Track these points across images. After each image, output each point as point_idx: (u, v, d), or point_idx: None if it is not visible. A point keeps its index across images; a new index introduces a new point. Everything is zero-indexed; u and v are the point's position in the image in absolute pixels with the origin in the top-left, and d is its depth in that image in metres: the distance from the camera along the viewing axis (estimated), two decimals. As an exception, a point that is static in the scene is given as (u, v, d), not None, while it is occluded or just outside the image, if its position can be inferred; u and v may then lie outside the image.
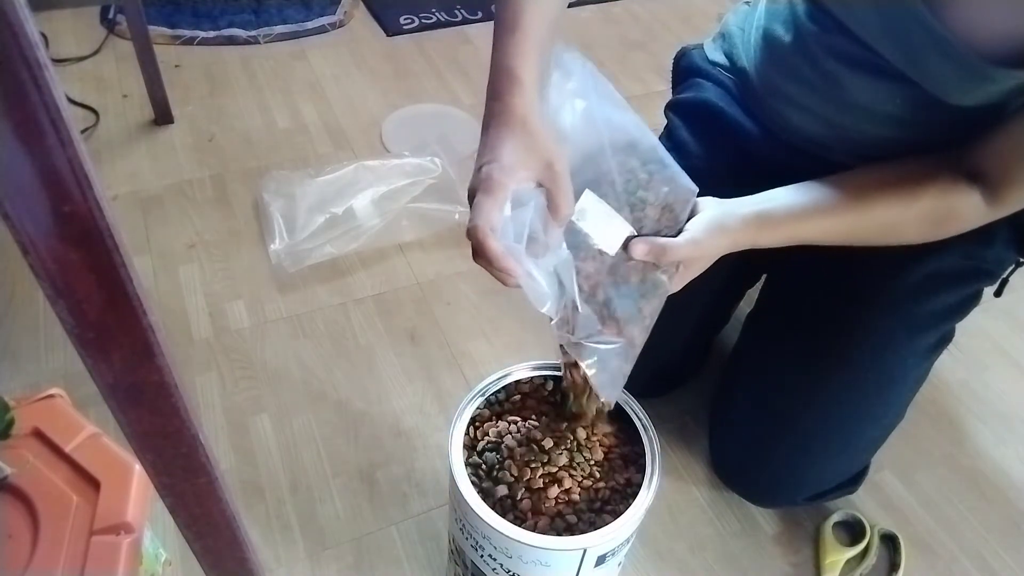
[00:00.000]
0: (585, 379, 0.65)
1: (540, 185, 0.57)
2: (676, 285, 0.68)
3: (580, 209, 0.62)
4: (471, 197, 0.55)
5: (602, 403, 0.66)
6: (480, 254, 0.54)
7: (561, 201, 0.58)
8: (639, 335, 0.65)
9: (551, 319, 0.60)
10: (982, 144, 0.71)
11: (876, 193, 0.73)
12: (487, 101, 0.59)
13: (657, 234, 0.66)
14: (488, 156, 0.56)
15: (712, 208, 0.70)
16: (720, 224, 0.69)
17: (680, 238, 0.66)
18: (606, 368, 0.63)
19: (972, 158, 0.71)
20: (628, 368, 0.65)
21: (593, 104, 0.62)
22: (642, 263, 0.65)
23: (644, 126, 0.65)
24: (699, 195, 0.70)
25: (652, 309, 0.66)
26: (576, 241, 0.62)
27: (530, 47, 0.61)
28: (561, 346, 0.64)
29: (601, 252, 0.63)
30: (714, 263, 0.72)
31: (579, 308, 0.61)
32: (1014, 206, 0.72)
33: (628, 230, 0.64)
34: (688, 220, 0.68)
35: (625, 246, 0.64)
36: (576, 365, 0.64)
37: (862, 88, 0.75)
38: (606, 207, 0.64)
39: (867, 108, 0.76)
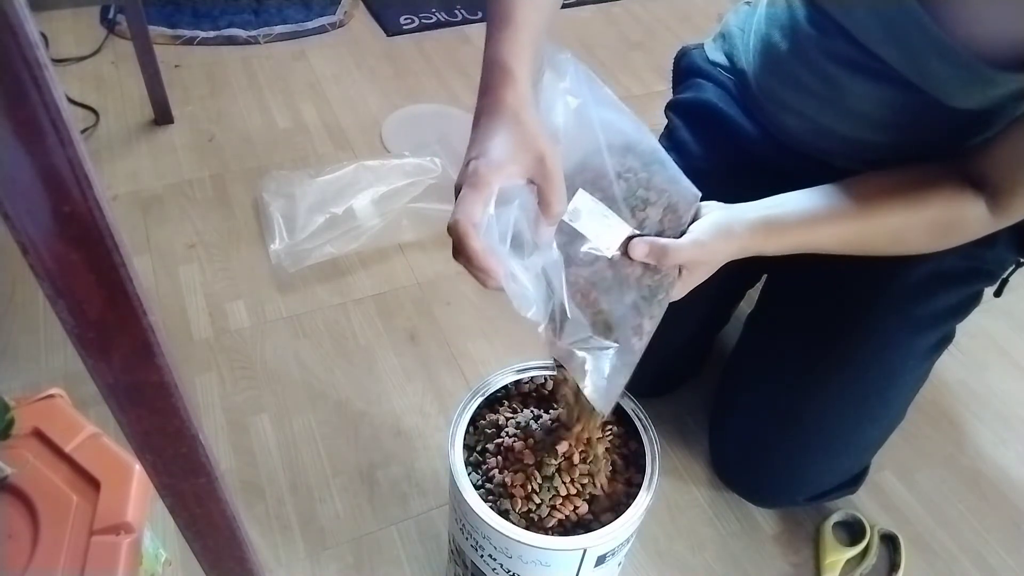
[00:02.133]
0: (576, 392, 0.62)
1: (531, 182, 0.54)
2: (678, 292, 0.66)
3: (573, 209, 0.59)
4: (457, 192, 0.53)
5: (596, 414, 0.63)
6: (460, 251, 0.51)
7: (553, 197, 0.55)
8: (637, 341, 0.61)
9: (538, 325, 0.56)
10: (984, 152, 0.70)
11: (885, 199, 0.71)
12: (479, 96, 0.58)
13: (659, 235, 0.63)
14: (476, 150, 0.54)
15: (717, 212, 0.68)
16: (727, 228, 0.67)
17: (683, 239, 0.64)
18: (598, 373, 0.59)
19: (975, 165, 0.71)
20: (625, 375, 0.61)
21: (588, 103, 0.59)
22: (641, 267, 0.62)
23: (643, 127, 0.63)
24: (701, 199, 0.69)
25: (652, 315, 0.62)
26: (569, 243, 0.59)
27: (523, 41, 0.59)
28: (554, 358, 0.61)
29: (597, 254, 0.60)
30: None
31: (568, 312, 0.57)
32: (1016, 215, 0.71)
33: (627, 230, 0.61)
34: (692, 223, 0.66)
35: (624, 248, 0.61)
36: (565, 379, 0.62)
37: (862, 93, 0.74)
38: (602, 207, 0.60)
39: (866, 114, 0.76)
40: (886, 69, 0.70)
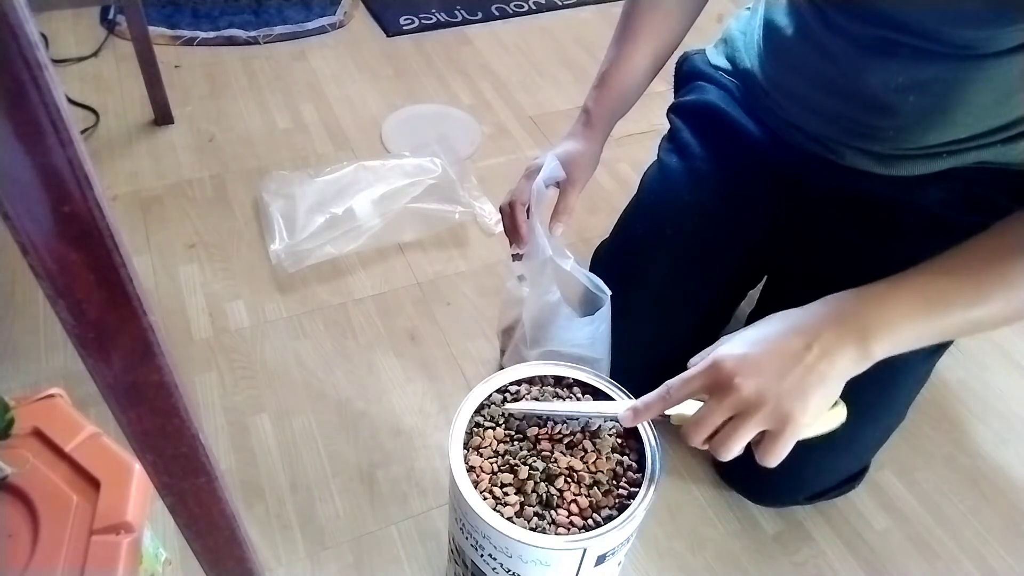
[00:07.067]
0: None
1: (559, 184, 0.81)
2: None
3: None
4: (530, 168, 0.82)
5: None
6: (504, 211, 0.80)
7: (560, 203, 0.81)
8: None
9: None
10: None
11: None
12: (574, 123, 0.86)
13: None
14: (554, 150, 0.83)
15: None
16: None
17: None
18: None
19: None
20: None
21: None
22: None
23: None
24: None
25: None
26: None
27: (606, 101, 0.84)
28: None
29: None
30: (719, 258, 0.68)
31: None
32: None
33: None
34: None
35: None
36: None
37: (869, 68, 0.74)
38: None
39: (874, 93, 0.75)
40: (893, 38, 0.69)
